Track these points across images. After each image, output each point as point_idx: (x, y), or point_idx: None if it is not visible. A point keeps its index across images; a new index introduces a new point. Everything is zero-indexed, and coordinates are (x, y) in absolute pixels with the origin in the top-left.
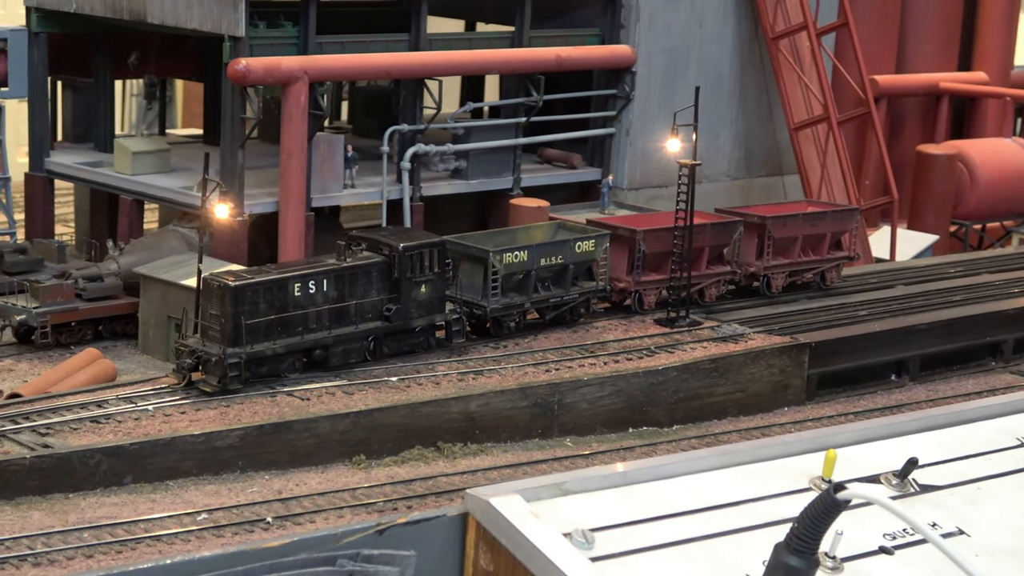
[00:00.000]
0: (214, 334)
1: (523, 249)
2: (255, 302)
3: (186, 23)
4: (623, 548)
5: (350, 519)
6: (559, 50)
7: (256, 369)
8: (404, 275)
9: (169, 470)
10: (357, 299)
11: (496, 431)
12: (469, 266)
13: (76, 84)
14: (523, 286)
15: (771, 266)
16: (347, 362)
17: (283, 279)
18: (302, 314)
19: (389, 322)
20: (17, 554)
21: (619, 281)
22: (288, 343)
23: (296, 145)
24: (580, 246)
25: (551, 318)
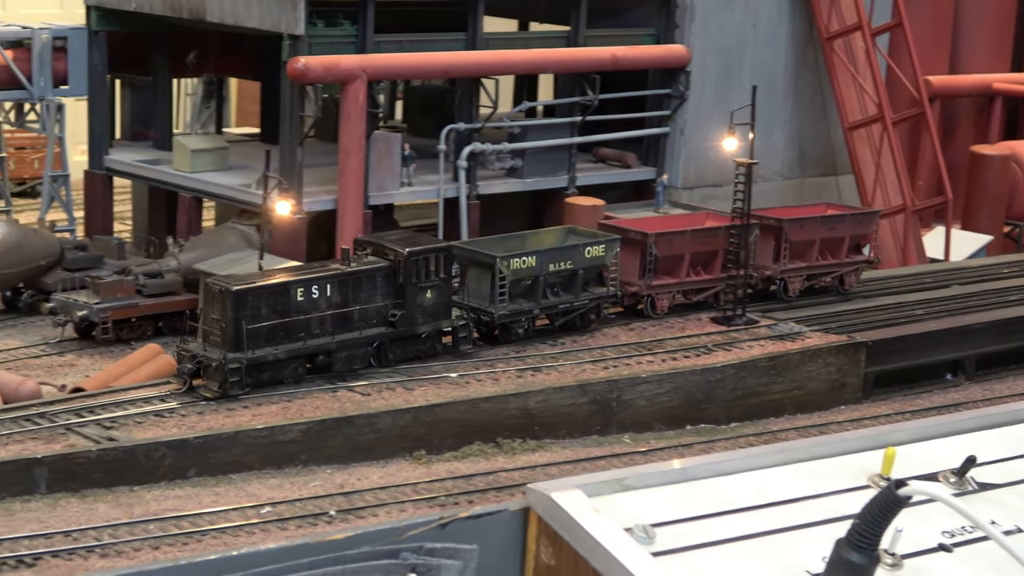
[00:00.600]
0: (215, 339)
1: (531, 255)
2: (257, 306)
3: (245, 22)
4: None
5: (412, 513)
6: (615, 49)
7: (258, 375)
8: (409, 280)
9: (232, 464)
10: (361, 304)
11: (555, 427)
12: (477, 272)
13: (134, 83)
14: (532, 292)
15: (788, 269)
16: (351, 368)
17: (285, 283)
18: (305, 319)
19: (394, 328)
20: (84, 545)
21: (631, 285)
22: (290, 348)
23: (354, 143)
24: (590, 251)
25: (561, 324)
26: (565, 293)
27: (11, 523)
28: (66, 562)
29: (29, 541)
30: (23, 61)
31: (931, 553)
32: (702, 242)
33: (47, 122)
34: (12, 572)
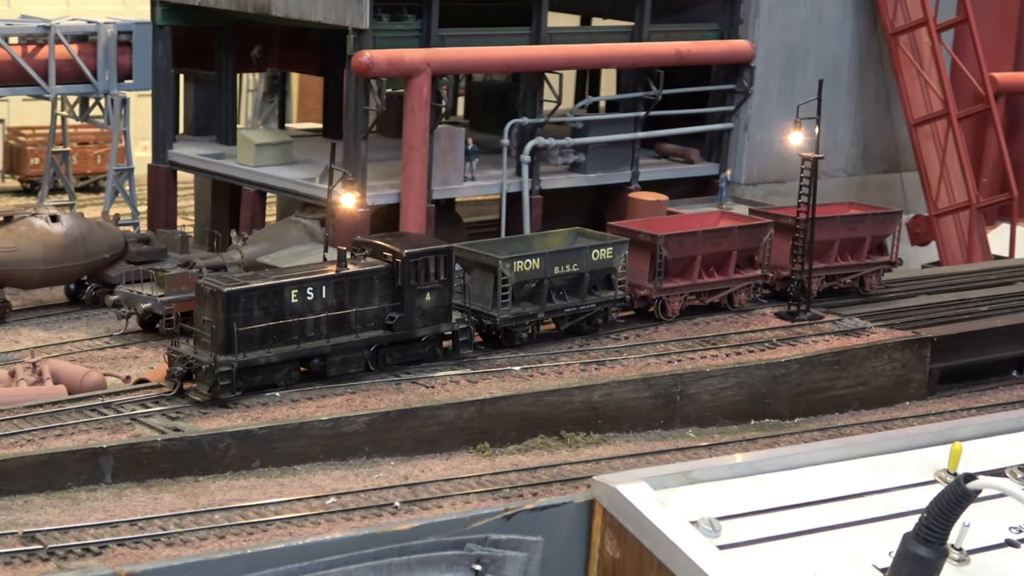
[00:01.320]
0: (206, 341)
1: (535, 257)
2: (249, 308)
3: (310, 16)
4: (750, 537)
5: (476, 505)
6: (679, 44)
7: (249, 378)
8: (408, 282)
9: (297, 455)
10: (358, 307)
11: (619, 421)
12: (480, 274)
13: (198, 77)
14: (536, 295)
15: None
16: (346, 372)
17: (279, 285)
18: (299, 322)
19: (392, 331)
20: (150, 534)
21: (640, 288)
22: (283, 351)
23: (418, 137)
24: (597, 254)
25: (566, 328)
26: (571, 297)
27: (77, 512)
28: (132, 551)
29: (95, 530)
30: (88, 55)
31: (998, 549)
32: (714, 243)
33: (112, 116)
34: (79, 560)
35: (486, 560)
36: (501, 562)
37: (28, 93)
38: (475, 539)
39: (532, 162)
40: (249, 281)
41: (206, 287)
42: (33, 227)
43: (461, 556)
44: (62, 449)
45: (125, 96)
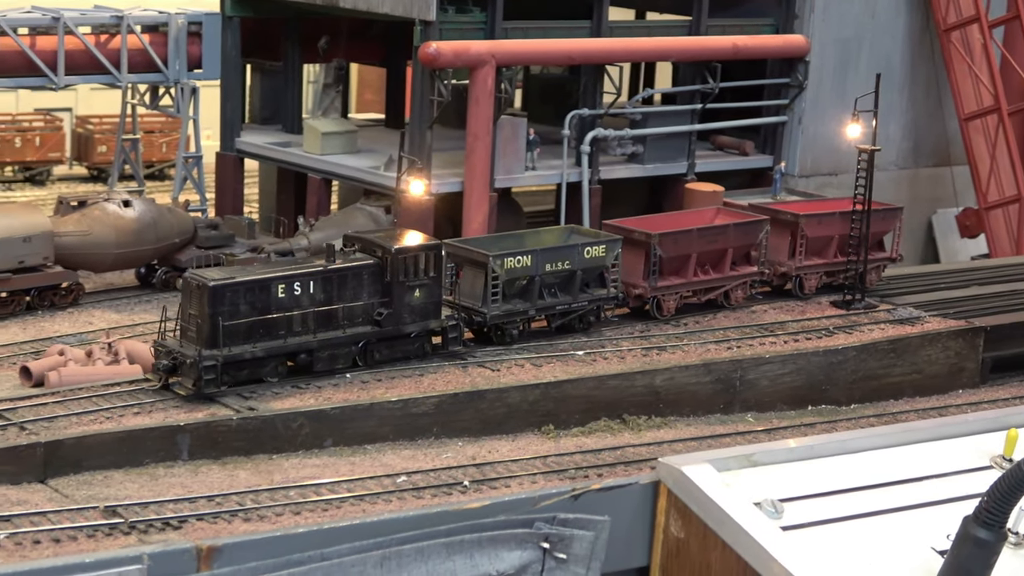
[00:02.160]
0: (192, 335)
1: (526, 254)
2: (235, 303)
3: (378, 8)
4: (812, 519)
5: (543, 485)
6: (736, 39)
7: (235, 373)
8: (397, 279)
9: (367, 435)
10: (346, 302)
11: (679, 405)
12: (470, 271)
13: (265, 68)
14: (527, 292)
15: (804, 266)
16: (333, 368)
17: (266, 279)
18: (286, 317)
19: (380, 327)
20: (228, 509)
21: (635, 287)
22: (269, 346)
23: (482, 127)
24: (589, 251)
25: (558, 326)
26: (563, 294)
27: (156, 487)
28: (211, 525)
29: (174, 504)
30: (159, 45)
31: None
32: (709, 241)
33: (181, 105)
34: (160, 534)
35: (554, 538)
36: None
37: (101, 82)
38: (543, 518)
39: (592, 152)
40: (235, 275)
41: (192, 281)
42: (106, 212)
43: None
44: (140, 427)
45: (195, 85)
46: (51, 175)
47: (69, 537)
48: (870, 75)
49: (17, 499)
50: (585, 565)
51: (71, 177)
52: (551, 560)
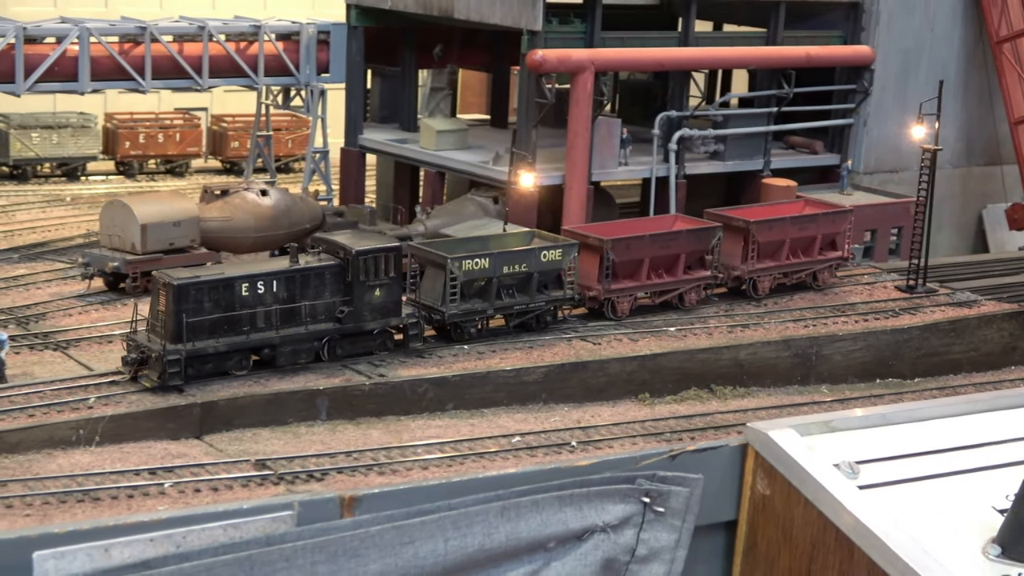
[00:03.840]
0: (159, 330)
1: (484, 256)
2: (199, 300)
3: (489, 18)
4: (884, 479)
5: (641, 446)
6: (808, 49)
7: (200, 366)
8: (357, 279)
9: (484, 400)
10: (309, 300)
11: (761, 377)
12: (432, 271)
13: (384, 72)
14: (485, 293)
15: (757, 269)
16: (296, 362)
17: (229, 279)
18: (249, 314)
19: (341, 324)
20: (364, 464)
21: (590, 289)
22: (232, 341)
23: (582, 126)
24: (546, 255)
25: (515, 325)
26: (520, 295)
27: (299, 444)
28: (349, 478)
29: (316, 459)
30: (292, 52)
31: None
32: (661, 246)
33: (311, 105)
34: (305, 484)
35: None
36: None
37: (239, 84)
38: (644, 475)
39: (678, 150)
40: (199, 274)
41: (160, 279)
42: (246, 200)
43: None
44: (285, 390)
45: (323, 87)
46: (189, 167)
47: (225, 486)
48: (928, 81)
49: (177, 453)
50: (681, 518)
51: (206, 170)
52: (650, 513)
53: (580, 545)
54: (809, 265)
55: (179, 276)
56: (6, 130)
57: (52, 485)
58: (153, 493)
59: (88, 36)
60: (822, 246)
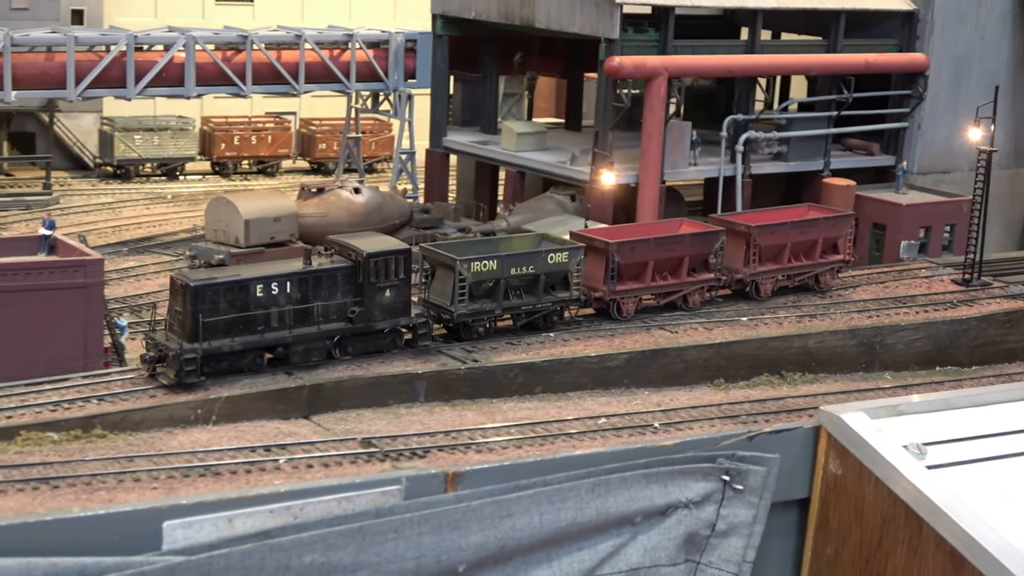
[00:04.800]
0: (177, 330)
1: (492, 258)
2: (215, 301)
3: (568, 27)
4: (950, 460)
5: (719, 428)
6: (867, 56)
7: (215, 364)
8: (368, 280)
9: (570, 384)
10: (321, 301)
11: (828, 364)
12: (442, 272)
13: (466, 78)
14: (493, 293)
15: (758, 272)
16: (308, 360)
17: (244, 280)
18: (263, 314)
19: (352, 323)
20: (461, 442)
21: (596, 290)
22: (247, 340)
23: (655, 128)
24: (553, 257)
25: (522, 324)
26: (528, 295)
27: (399, 424)
28: (449, 455)
29: (418, 438)
30: (381, 59)
31: None
32: (666, 249)
33: (399, 109)
34: (408, 461)
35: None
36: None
37: (333, 89)
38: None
39: (744, 151)
40: (215, 276)
41: (177, 280)
42: (340, 197)
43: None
44: (386, 373)
45: (410, 92)
46: (279, 168)
47: (335, 463)
48: (979, 87)
49: (288, 431)
50: (758, 495)
51: (295, 170)
52: (730, 490)
53: (664, 520)
54: (811, 268)
55: (195, 277)
56: (111, 132)
57: (175, 460)
58: (269, 468)
59: (194, 44)
60: (824, 249)
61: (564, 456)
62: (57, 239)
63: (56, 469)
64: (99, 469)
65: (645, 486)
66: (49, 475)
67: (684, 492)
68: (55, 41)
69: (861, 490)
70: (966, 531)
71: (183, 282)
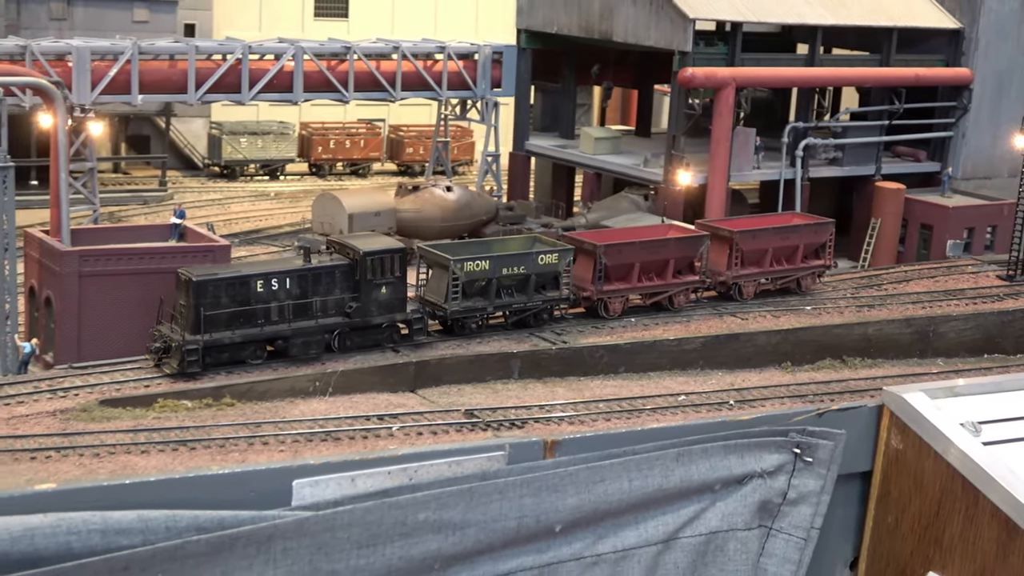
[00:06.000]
0: (181, 322)
1: (484, 258)
2: (216, 295)
3: (644, 40)
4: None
5: (789, 406)
6: (917, 70)
7: (217, 355)
8: (365, 277)
9: (651, 364)
10: (320, 296)
11: (886, 350)
12: (437, 271)
13: (546, 88)
14: (486, 292)
15: (741, 275)
16: (307, 353)
17: (245, 276)
18: (263, 308)
19: (350, 318)
20: (555, 415)
21: (584, 290)
22: (247, 333)
23: (723, 134)
24: (543, 258)
25: (513, 322)
26: (519, 294)
27: (497, 398)
28: (544, 426)
29: (515, 410)
30: (470, 69)
31: None
32: (652, 252)
33: (486, 115)
34: (508, 431)
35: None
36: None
37: (426, 96)
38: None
39: (803, 157)
40: (217, 271)
41: (182, 276)
42: (433, 195)
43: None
44: (484, 352)
45: (496, 100)
46: (370, 169)
47: (442, 431)
48: (1019, 99)
49: (397, 403)
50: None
51: (384, 172)
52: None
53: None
54: (792, 272)
55: (198, 273)
56: (219, 136)
57: (299, 427)
58: (383, 435)
59: (302, 54)
60: (805, 255)
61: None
62: (186, 227)
63: (192, 433)
64: (231, 433)
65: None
66: (186, 438)
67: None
68: (177, 50)
69: (921, 464)
70: (1020, 501)
71: (187, 276)
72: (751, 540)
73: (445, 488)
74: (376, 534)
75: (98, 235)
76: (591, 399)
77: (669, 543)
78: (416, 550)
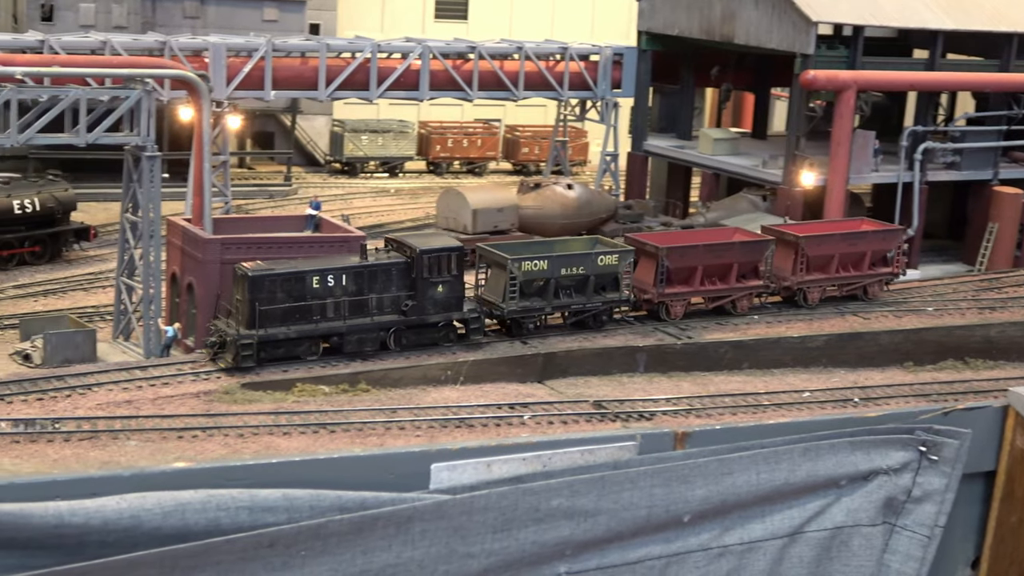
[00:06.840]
0: (237, 316)
1: (543, 258)
2: (272, 291)
3: (766, 43)
4: None
5: (913, 404)
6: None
7: (272, 350)
8: (421, 275)
9: (774, 361)
10: (376, 294)
11: (1008, 352)
12: (496, 270)
13: (664, 90)
14: (544, 292)
15: (806, 280)
16: (362, 350)
17: (301, 272)
18: (320, 304)
19: (405, 316)
20: (681, 408)
21: (645, 292)
22: (302, 329)
23: (844, 136)
24: (603, 259)
25: (571, 323)
26: (578, 295)
27: (623, 390)
28: (672, 418)
29: (642, 403)
30: (591, 70)
31: None
32: (715, 255)
33: (605, 115)
34: (636, 422)
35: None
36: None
37: (547, 96)
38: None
39: (922, 160)
40: (274, 267)
41: (238, 271)
42: (555, 192)
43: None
44: (610, 345)
45: (616, 101)
46: (486, 168)
47: (572, 420)
48: None
49: (526, 393)
50: (951, 465)
51: (500, 171)
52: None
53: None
54: (859, 279)
55: (254, 269)
56: (341, 133)
57: (433, 413)
58: (515, 423)
59: (428, 53)
60: (873, 261)
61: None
62: (322, 218)
63: (331, 416)
64: (368, 418)
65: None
66: (325, 421)
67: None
68: (309, 47)
69: None
70: None
71: (243, 272)
72: (875, 536)
73: (578, 476)
74: (510, 519)
75: (237, 225)
76: (716, 393)
77: (794, 537)
78: (548, 536)
